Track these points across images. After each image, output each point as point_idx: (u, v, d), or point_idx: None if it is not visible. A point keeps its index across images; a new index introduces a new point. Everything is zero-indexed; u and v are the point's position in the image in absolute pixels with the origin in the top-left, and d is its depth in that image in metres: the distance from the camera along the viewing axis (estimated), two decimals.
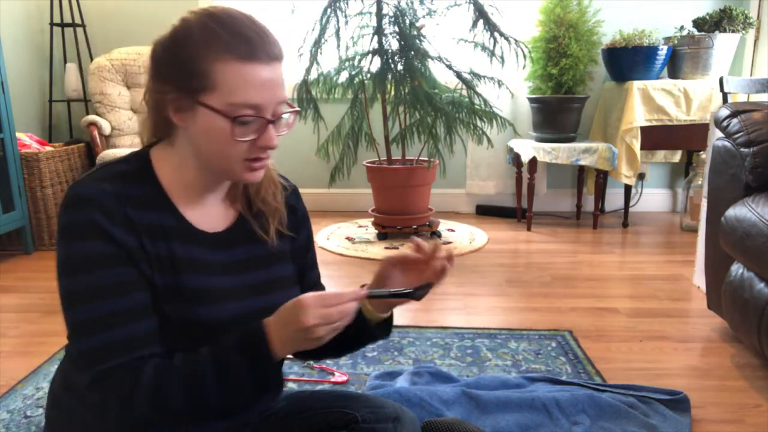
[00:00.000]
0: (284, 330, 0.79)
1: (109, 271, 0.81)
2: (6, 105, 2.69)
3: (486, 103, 2.94)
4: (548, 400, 1.42)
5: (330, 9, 2.81)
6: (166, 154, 0.89)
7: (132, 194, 0.84)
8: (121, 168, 0.87)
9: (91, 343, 0.80)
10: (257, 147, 0.84)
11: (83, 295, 0.81)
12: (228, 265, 0.92)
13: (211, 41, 0.79)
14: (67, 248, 0.82)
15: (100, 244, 0.80)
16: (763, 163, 1.62)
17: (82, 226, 0.80)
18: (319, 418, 1.00)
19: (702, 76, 3.17)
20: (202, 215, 0.91)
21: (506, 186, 3.67)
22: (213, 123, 0.81)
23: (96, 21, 3.55)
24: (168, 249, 0.86)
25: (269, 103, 0.82)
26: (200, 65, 0.79)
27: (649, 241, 3.07)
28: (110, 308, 0.80)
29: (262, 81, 0.80)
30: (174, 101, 0.82)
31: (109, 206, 0.81)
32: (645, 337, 1.88)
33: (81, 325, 0.81)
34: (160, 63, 0.83)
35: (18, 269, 2.63)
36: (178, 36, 0.82)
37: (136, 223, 0.83)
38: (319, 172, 3.53)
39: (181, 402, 0.79)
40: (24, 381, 1.61)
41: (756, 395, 1.53)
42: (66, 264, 0.82)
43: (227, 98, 0.80)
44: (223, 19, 0.81)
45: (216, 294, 0.88)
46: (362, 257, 2.77)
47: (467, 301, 2.21)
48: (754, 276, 1.56)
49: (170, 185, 0.89)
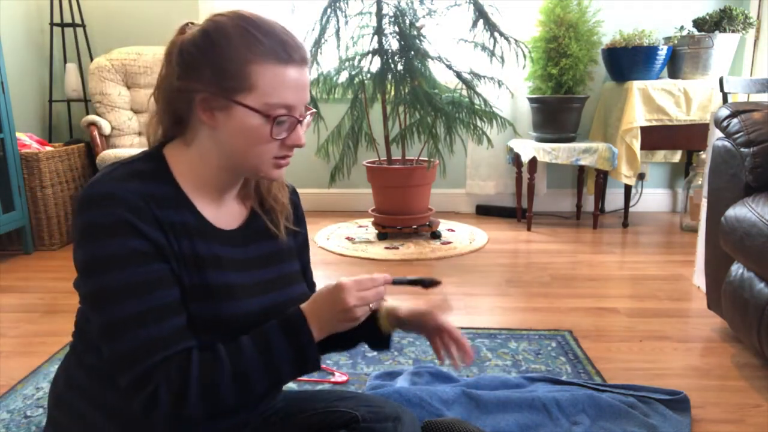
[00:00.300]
0: (323, 312, 0.86)
1: (143, 267, 0.81)
2: (6, 105, 2.69)
3: (486, 103, 2.94)
4: (548, 400, 1.42)
5: (330, 9, 2.81)
6: (182, 153, 0.90)
7: (153, 193, 0.84)
8: (137, 167, 0.87)
9: (130, 343, 0.79)
10: (286, 145, 0.88)
11: (117, 294, 0.80)
12: (244, 261, 0.94)
13: (251, 44, 0.82)
14: (95, 247, 0.80)
15: (132, 241, 0.80)
16: (763, 163, 1.62)
17: (110, 223, 0.79)
18: (319, 417, 1.00)
19: (702, 76, 3.17)
20: (217, 213, 0.93)
21: (506, 186, 3.67)
22: (249, 122, 0.84)
23: (96, 21, 3.55)
24: (191, 247, 0.87)
25: (300, 104, 0.86)
26: (239, 67, 0.82)
27: (649, 241, 3.07)
28: (147, 305, 0.80)
29: (296, 83, 0.84)
30: (205, 100, 0.84)
31: (136, 204, 0.81)
32: (645, 337, 1.88)
33: (117, 324, 0.80)
34: (192, 62, 0.84)
35: (18, 269, 2.63)
36: (213, 37, 0.83)
37: (162, 221, 0.84)
38: (319, 172, 3.53)
39: (231, 392, 0.82)
40: (24, 381, 1.61)
41: (756, 395, 1.53)
42: (94, 263, 0.80)
43: (264, 98, 0.83)
44: (259, 24, 0.84)
45: (237, 290, 0.91)
46: (362, 257, 2.77)
47: (467, 301, 2.21)
48: (754, 276, 1.56)
49: (187, 184, 0.90)
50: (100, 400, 0.90)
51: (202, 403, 0.80)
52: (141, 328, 0.79)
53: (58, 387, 0.96)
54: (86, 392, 0.91)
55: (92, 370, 0.90)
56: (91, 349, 0.90)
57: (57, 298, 2.22)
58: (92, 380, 0.90)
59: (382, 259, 2.73)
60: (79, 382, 0.92)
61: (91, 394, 0.90)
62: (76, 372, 0.93)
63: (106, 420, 0.89)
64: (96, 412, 0.89)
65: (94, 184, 0.83)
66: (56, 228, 2.93)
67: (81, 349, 0.93)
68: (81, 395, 0.91)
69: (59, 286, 2.36)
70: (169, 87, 0.87)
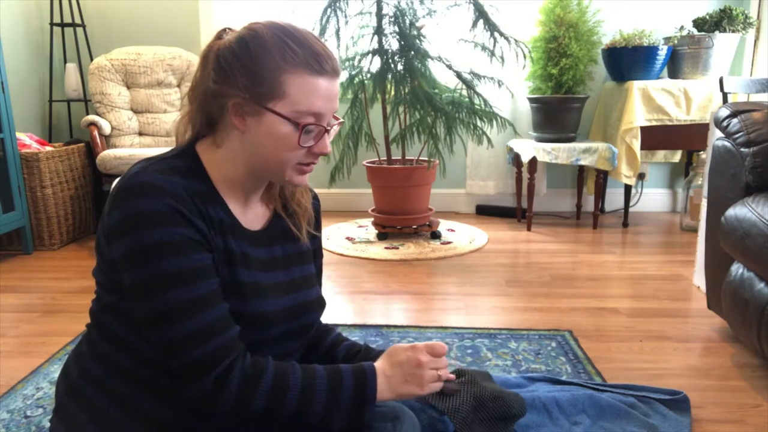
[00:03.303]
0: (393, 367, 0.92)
1: (198, 255, 0.84)
2: (6, 105, 2.69)
3: (486, 103, 2.94)
4: (548, 400, 1.42)
5: (330, 9, 2.81)
6: (212, 153, 0.93)
7: (193, 188, 0.87)
8: (174, 163, 0.89)
9: (194, 324, 0.82)
10: (312, 153, 0.91)
11: (178, 279, 0.82)
12: (269, 261, 0.97)
13: (285, 53, 0.85)
14: (148, 235, 0.81)
15: (184, 229, 0.83)
16: (763, 163, 1.62)
17: (161, 212, 0.81)
18: None
19: (702, 76, 3.17)
20: (244, 214, 0.96)
21: (506, 186, 3.67)
22: (279, 128, 0.86)
23: (96, 21, 3.55)
24: (225, 243, 0.90)
25: (328, 113, 0.89)
26: (273, 75, 0.85)
27: (649, 241, 3.07)
28: (207, 289, 0.84)
29: (326, 92, 0.87)
30: (238, 105, 0.87)
31: (182, 197, 0.84)
32: (645, 337, 1.88)
33: (179, 308, 0.82)
34: (228, 67, 0.86)
35: (18, 269, 2.63)
36: (249, 45, 0.86)
37: (204, 214, 0.87)
38: (319, 172, 3.53)
39: (290, 405, 0.85)
40: (24, 381, 1.61)
41: (756, 395, 1.53)
42: (149, 251, 0.81)
43: (295, 107, 0.86)
44: (294, 34, 0.87)
45: (265, 288, 0.94)
46: (362, 257, 2.77)
47: (467, 301, 2.21)
48: (754, 276, 1.56)
49: (218, 183, 0.92)
50: (112, 390, 0.91)
51: (265, 412, 0.84)
52: (204, 310, 0.83)
53: (70, 376, 0.96)
54: (98, 382, 0.92)
55: (106, 360, 0.92)
56: (106, 340, 0.92)
57: (57, 298, 2.22)
58: (107, 370, 0.92)
59: (382, 259, 2.73)
60: (92, 373, 0.93)
61: (104, 384, 0.92)
62: (90, 363, 0.94)
63: (118, 409, 0.90)
64: (107, 401, 0.91)
65: (136, 175, 0.84)
66: (56, 228, 2.93)
67: (97, 340, 0.94)
68: (93, 384, 0.92)
69: (59, 286, 2.36)
70: (204, 89, 0.90)
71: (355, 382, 0.88)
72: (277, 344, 0.96)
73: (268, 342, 0.93)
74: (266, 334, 0.93)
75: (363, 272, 2.56)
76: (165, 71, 3.32)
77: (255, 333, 0.90)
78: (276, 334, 0.95)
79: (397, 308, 2.14)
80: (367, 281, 2.45)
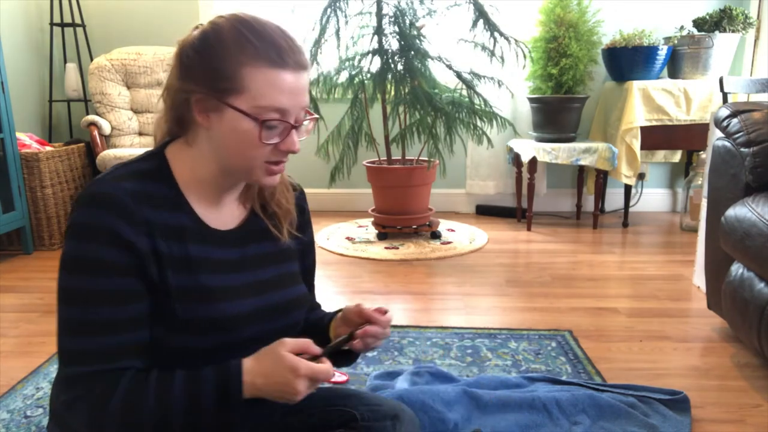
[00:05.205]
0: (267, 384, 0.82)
1: (113, 279, 0.81)
2: (6, 105, 2.69)
3: (486, 103, 2.94)
4: (548, 400, 1.42)
5: (330, 9, 2.81)
6: (183, 152, 0.91)
7: (150, 193, 0.85)
8: (139, 167, 0.88)
9: (77, 344, 0.82)
10: (279, 151, 0.87)
11: (82, 297, 0.82)
12: (241, 261, 0.94)
13: (243, 46, 0.82)
14: (76, 246, 0.82)
15: (110, 251, 0.81)
16: (763, 163, 1.62)
17: (95, 227, 0.81)
18: (318, 416, 1.00)
19: (702, 76, 3.17)
20: (216, 214, 0.94)
21: (506, 186, 3.67)
22: (240, 125, 0.84)
23: (96, 21, 3.55)
24: (183, 250, 0.87)
25: (294, 109, 0.85)
26: (231, 68, 0.82)
27: (649, 241, 3.07)
28: (105, 316, 0.81)
29: (289, 87, 0.83)
30: (200, 101, 0.85)
31: (127, 206, 0.82)
32: (645, 337, 1.88)
33: (73, 323, 0.82)
34: (188, 63, 0.85)
35: (18, 269, 2.63)
36: (209, 39, 0.84)
37: (152, 223, 0.84)
38: (319, 172, 3.53)
39: (148, 419, 0.81)
40: (24, 381, 1.61)
41: (756, 395, 1.53)
42: (71, 261, 0.82)
43: (255, 101, 0.82)
44: (255, 26, 0.84)
45: (231, 291, 0.91)
46: (362, 257, 2.77)
47: (467, 301, 2.21)
48: (754, 276, 1.56)
49: (186, 184, 0.90)
50: None
51: (122, 422, 0.80)
52: (88, 336, 0.81)
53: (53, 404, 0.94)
54: None
55: None
56: None
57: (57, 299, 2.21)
58: None
59: (382, 259, 2.73)
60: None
61: None
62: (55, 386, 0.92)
63: None
64: None
65: (94, 183, 0.84)
66: (56, 228, 2.93)
67: None
68: None
69: None
70: (172, 87, 0.88)
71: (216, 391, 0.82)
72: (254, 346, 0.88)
73: (238, 345, 0.89)
74: (235, 336, 0.90)
75: (363, 272, 2.56)
76: (165, 71, 3.32)
77: (223, 336, 0.88)
78: (248, 335, 0.91)
79: (397, 308, 2.14)
80: (367, 281, 2.45)
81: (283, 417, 1.02)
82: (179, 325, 0.85)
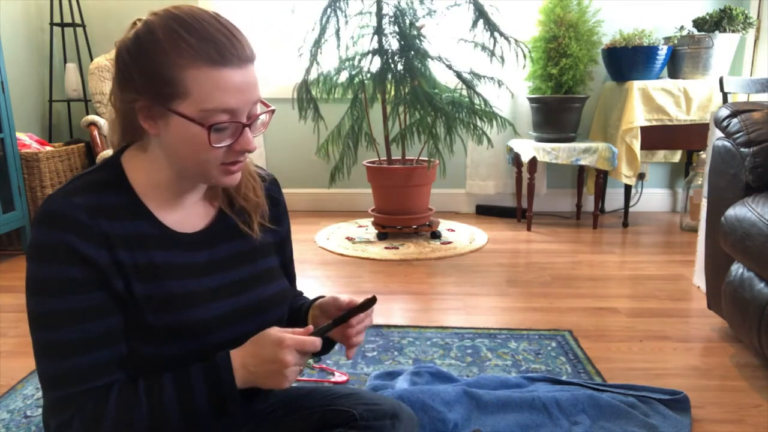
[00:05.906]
0: (257, 366, 0.82)
1: (79, 297, 0.79)
2: (6, 105, 2.69)
3: (486, 103, 2.94)
4: (548, 400, 1.42)
5: (330, 9, 2.81)
6: (139, 159, 0.87)
7: (106, 205, 0.82)
8: (93, 177, 0.85)
9: (56, 367, 0.79)
10: (234, 151, 0.83)
11: (51, 319, 0.79)
12: (212, 263, 0.91)
13: (180, 47, 0.76)
14: (37, 269, 0.79)
15: (70, 269, 0.78)
16: (763, 163, 1.62)
17: (52, 247, 0.78)
18: (317, 416, 1.00)
19: (702, 76, 3.17)
20: (180, 217, 0.90)
21: (506, 186, 3.67)
22: (187, 130, 0.79)
23: (96, 21, 3.55)
24: (147, 258, 0.84)
25: (244, 107, 0.80)
26: (170, 73, 0.77)
27: (649, 241, 3.07)
28: (77, 335, 0.79)
29: (235, 85, 0.78)
30: (144, 109, 0.80)
31: (81, 222, 0.79)
32: (645, 337, 1.88)
33: (47, 347, 0.80)
34: (126, 70, 0.80)
35: (18, 269, 2.63)
36: (142, 41, 0.78)
37: (111, 235, 0.81)
38: (319, 172, 3.53)
39: (145, 429, 0.80)
40: (24, 381, 1.61)
41: (756, 395, 1.53)
42: (34, 284, 0.79)
43: (200, 105, 0.77)
44: (190, 23, 0.78)
45: (202, 295, 0.88)
46: (362, 257, 2.77)
47: (467, 301, 2.21)
48: (754, 276, 1.56)
49: (145, 190, 0.86)
50: None
51: None
52: (65, 357, 0.79)
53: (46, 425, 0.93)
54: None
55: None
56: None
57: None
58: None
59: (382, 259, 2.73)
60: None
61: None
62: None
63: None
64: None
65: (47, 200, 0.81)
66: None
67: None
68: None
69: None
70: (115, 94, 0.84)
71: (206, 385, 0.82)
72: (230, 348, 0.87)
73: (218, 348, 0.85)
74: (213, 340, 0.87)
75: (363, 272, 2.56)
76: None
77: (199, 341, 0.85)
78: (228, 338, 0.88)
79: (397, 308, 2.14)
80: (367, 281, 2.45)
81: (283, 416, 1.02)
82: (154, 334, 0.83)
